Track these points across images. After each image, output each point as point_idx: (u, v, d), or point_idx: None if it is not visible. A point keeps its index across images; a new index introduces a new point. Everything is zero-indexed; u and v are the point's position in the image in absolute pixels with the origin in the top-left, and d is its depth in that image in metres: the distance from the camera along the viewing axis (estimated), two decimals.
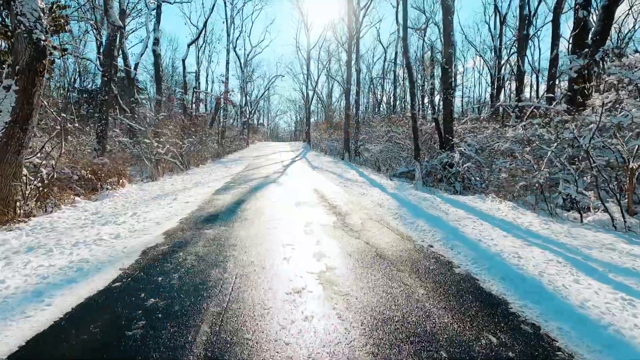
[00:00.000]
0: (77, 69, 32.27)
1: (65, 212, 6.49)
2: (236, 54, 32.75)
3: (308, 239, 4.82)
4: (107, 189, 9.29)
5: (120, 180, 9.90)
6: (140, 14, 24.66)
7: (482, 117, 16.51)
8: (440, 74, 16.88)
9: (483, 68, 41.83)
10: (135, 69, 22.28)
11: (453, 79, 12.89)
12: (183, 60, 18.62)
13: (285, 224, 5.66)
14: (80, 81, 32.23)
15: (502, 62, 26.27)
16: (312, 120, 38.49)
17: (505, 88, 31.36)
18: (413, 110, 10.41)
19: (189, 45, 18.88)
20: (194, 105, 26.43)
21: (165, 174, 13.41)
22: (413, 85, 10.61)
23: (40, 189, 6.57)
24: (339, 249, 4.42)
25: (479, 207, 7.22)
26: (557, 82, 17.33)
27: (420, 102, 30.03)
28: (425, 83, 28.61)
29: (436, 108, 14.16)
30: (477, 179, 11.34)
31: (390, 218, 6.33)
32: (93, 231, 5.11)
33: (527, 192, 8.60)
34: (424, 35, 26.25)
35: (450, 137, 12.29)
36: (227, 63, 27.69)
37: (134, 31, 27.04)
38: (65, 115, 9.71)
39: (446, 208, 7.05)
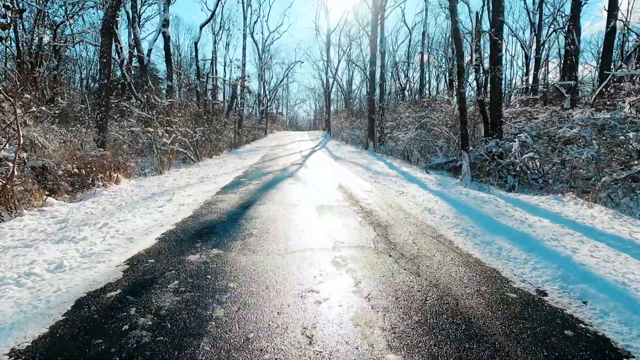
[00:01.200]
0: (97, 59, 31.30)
1: (24, 220, 4.93)
2: (253, 40, 30.92)
3: (341, 281, 3.01)
4: (98, 185, 7.78)
5: (114, 176, 8.37)
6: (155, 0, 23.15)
7: (526, 100, 14.17)
8: (480, 48, 14.60)
9: (515, 49, 38.47)
10: (148, 55, 20.87)
11: (502, 54, 10.69)
12: (195, 44, 17.04)
13: (305, 248, 3.87)
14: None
15: (542, 40, 23.42)
16: (331, 108, 36.44)
17: (542, 69, 28.36)
18: (461, 89, 8.36)
19: (201, 27, 17.24)
20: (210, 93, 24.92)
21: (172, 166, 11.89)
22: (461, 57, 8.52)
23: None
24: (392, 304, 2.61)
25: (565, 213, 5.24)
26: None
27: (448, 85, 27.50)
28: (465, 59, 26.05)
29: (480, 88, 11.89)
30: (536, 172, 9.25)
31: (451, 233, 4.46)
32: (30, 256, 3.49)
33: (618, 190, 6.52)
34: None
35: (499, 123, 10.18)
36: (244, 48, 25.93)
37: (148, 19, 25.65)
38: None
39: (522, 216, 5.10)
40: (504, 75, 32.34)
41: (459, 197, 6.46)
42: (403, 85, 31.38)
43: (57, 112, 15.53)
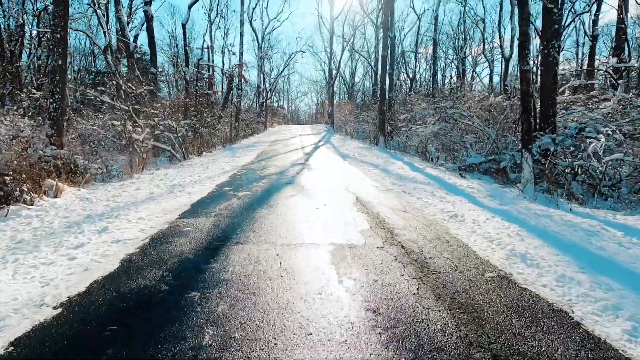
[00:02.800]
0: (92, 49, 28.89)
1: None
2: (252, 28, 28.34)
3: None
4: (24, 199, 5.48)
5: (54, 184, 6.05)
6: None
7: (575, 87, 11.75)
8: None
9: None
10: (134, 41, 18.43)
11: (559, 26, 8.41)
12: (183, 25, 14.62)
13: None
14: (94, 61, 28.83)
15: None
16: (334, 101, 33.93)
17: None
18: (525, 65, 5.92)
19: (190, 7, 14.79)
20: (205, 83, 22.48)
21: (149, 166, 9.57)
22: (527, 22, 6.07)
23: None
24: None
25: None
26: None
27: (461, 75, 24.97)
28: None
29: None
30: (608, 177, 6.92)
31: (615, 333, 2.14)
32: None
33: None
34: None
35: (552, 114, 7.82)
36: (241, 35, 23.40)
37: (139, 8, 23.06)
38: None
39: None
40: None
41: (546, 226, 4.13)
42: (411, 76, 28.85)
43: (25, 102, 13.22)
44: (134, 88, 10.51)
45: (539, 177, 6.71)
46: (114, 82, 13.16)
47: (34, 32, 22.34)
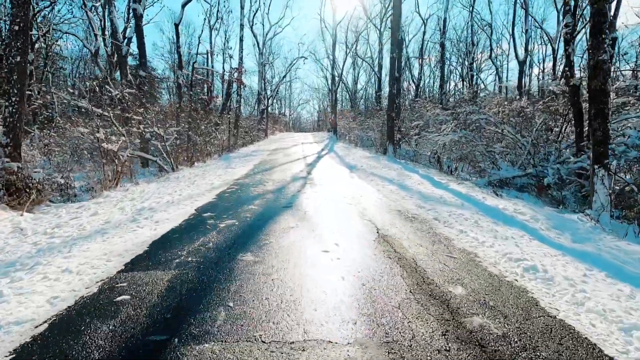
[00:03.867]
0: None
1: None
2: (253, 33, 27.08)
3: None
4: None
5: None
6: None
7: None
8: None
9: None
10: (128, 44, 17.09)
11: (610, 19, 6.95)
12: (176, 25, 13.25)
13: None
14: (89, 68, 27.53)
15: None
16: (337, 108, 32.55)
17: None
18: (601, 54, 4.41)
19: (183, 6, 13.48)
20: (205, 89, 21.10)
21: (120, 182, 8.06)
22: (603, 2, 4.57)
23: None
24: None
25: None
26: None
27: (469, 81, 23.53)
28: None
29: (571, 69, 7.91)
30: None
31: None
32: None
33: None
34: None
35: (605, 121, 6.30)
36: (241, 40, 22.11)
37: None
38: None
39: None
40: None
41: None
42: (416, 82, 27.42)
43: None
44: (111, 91, 9.06)
45: (554, 190, 5.17)
46: (97, 86, 11.75)
47: None
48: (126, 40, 16.29)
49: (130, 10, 20.06)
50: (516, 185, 7.60)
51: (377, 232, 4.08)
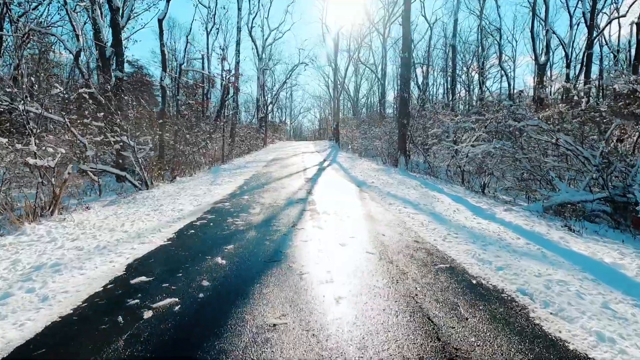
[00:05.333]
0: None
1: None
2: (252, 38, 25.33)
3: None
4: None
5: None
6: None
7: None
8: None
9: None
10: (118, 46, 15.26)
11: None
12: (159, 21, 11.38)
13: None
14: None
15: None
16: (340, 115, 30.64)
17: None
18: None
19: (168, 1, 11.65)
20: (196, 93, 19.22)
21: (58, 207, 6.05)
22: None
23: None
24: None
25: None
26: None
27: (480, 85, 21.61)
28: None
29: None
30: None
31: None
32: None
33: None
34: None
35: None
36: (238, 44, 20.33)
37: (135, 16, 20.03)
38: None
39: None
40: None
41: None
42: (422, 89, 25.54)
43: None
44: (63, 92, 7.15)
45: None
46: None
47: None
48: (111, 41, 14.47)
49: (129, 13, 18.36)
50: (581, 212, 5.58)
51: (437, 336, 2.07)
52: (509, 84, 24.77)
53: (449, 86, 31.97)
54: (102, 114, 7.71)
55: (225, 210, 5.68)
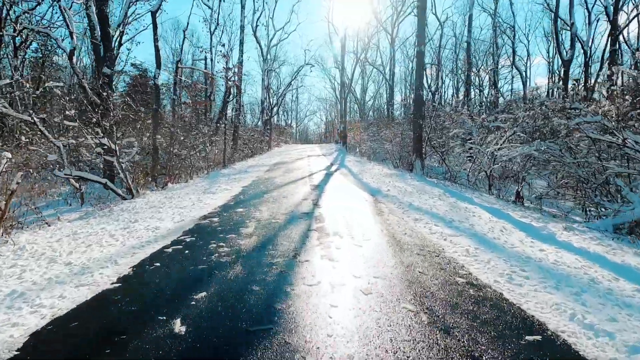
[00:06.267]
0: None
1: None
2: (256, 39, 24.27)
3: None
4: None
5: None
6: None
7: None
8: None
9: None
10: (106, 40, 14.27)
11: None
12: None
13: None
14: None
15: None
16: (347, 117, 29.42)
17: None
18: None
19: None
20: (206, 96, 18.18)
21: (3, 228, 4.91)
22: None
23: None
24: None
25: None
26: None
27: (492, 84, 20.21)
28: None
29: None
30: None
31: None
32: None
33: None
34: None
35: None
36: (241, 43, 19.30)
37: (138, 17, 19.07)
38: None
39: None
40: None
41: None
42: (432, 91, 24.21)
43: None
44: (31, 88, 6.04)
45: None
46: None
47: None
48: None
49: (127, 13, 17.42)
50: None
51: None
52: (524, 84, 23.34)
53: (458, 87, 30.63)
54: (73, 111, 6.58)
55: (211, 229, 4.47)
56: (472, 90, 28.61)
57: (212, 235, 4.17)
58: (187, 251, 3.58)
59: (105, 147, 7.46)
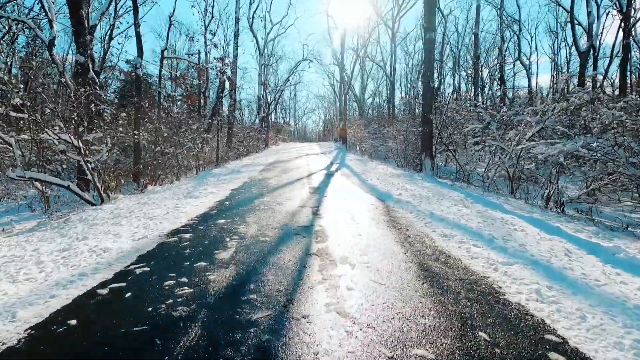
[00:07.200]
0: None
1: None
2: (253, 33, 23.02)
3: None
4: None
5: None
6: None
7: None
8: None
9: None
10: (78, 24, 13.04)
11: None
12: None
13: None
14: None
15: None
16: (346, 114, 28.19)
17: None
18: None
19: None
20: (199, 90, 16.96)
21: None
22: None
23: None
24: None
25: None
26: None
27: (499, 80, 19.09)
28: None
29: None
30: None
31: None
32: None
33: None
34: None
35: None
36: (236, 36, 18.12)
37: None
38: None
39: None
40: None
41: None
42: (436, 86, 23.05)
43: None
44: None
45: None
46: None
47: None
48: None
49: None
50: None
51: None
52: (529, 79, 22.23)
53: (459, 84, 29.48)
54: (17, 100, 5.38)
55: (177, 252, 3.30)
56: (471, 86, 27.54)
57: (175, 262, 3.00)
58: (128, 294, 2.41)
59: (69, 144, 6.26)
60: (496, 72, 20.82)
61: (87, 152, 6.90)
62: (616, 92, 15.85)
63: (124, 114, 10.02)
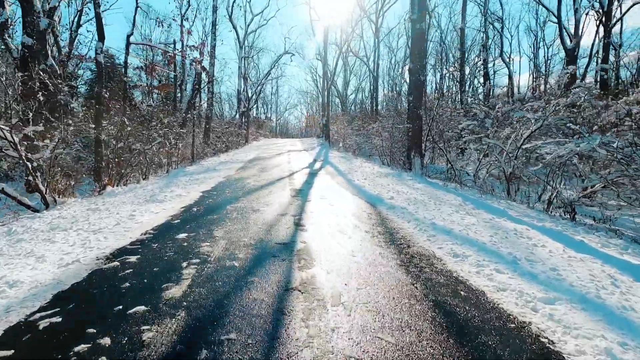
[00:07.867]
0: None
1: None
2: (232, 23, 21.75)
3: None
4: None
5: None
6: None
7: None
8: None
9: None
10: (51, 16, 11.57)
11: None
12: None
13: None
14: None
15: None
16: (329, 110, 27.39)
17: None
18: None
19: None
20: (175, 80, 15.69)
21: None
22: None
23: None
24: None
25: None
26: None
27: (483, 79, 18.80)
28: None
29: None
30: None
31: None
32: None
33: None
34: None
35: None
36: (213, 25, 16.90)
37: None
38: None
39: None
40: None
41: None
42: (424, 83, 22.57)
43: None
44: None
45: None
46: None
47: None
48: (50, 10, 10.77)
49: None
50: None
51: None
52: (511, 78, 22.12)
53: (441, 82, 29.22)
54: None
55: (112, 287, 2.42)
56: (452, 85, 27.35)
57: (103, 305, 2.12)
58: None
59: (2, 138, 5.16)
60: (478, 69, 20.53)
61: (29, 148, 5.80)
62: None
63: (84, 106, 8.86)
